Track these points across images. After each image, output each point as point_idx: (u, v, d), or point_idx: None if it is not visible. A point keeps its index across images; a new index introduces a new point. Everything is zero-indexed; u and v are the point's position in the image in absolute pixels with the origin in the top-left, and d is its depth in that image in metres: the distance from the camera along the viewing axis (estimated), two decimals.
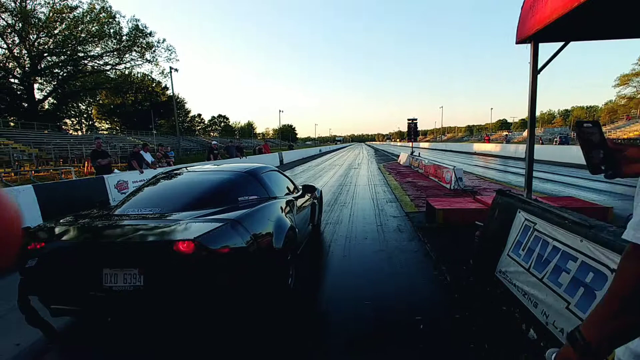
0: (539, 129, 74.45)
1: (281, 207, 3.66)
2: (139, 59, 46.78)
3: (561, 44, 3.45)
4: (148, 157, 11.49)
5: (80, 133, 59.42)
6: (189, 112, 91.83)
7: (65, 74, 46.68)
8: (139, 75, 54.45)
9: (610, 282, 2.10)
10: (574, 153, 20.98)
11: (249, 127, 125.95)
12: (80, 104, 64.60)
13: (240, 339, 2.81)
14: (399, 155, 26.93)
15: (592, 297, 2.16)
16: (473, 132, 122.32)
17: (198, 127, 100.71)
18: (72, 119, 66.91)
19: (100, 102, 64.69)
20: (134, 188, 4.43)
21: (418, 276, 4.00)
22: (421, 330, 2.84)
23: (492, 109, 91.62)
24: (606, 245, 2.19)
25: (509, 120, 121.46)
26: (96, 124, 71.03)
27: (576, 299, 2.30)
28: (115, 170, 13.21)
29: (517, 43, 3.67)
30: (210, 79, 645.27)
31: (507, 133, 77.95)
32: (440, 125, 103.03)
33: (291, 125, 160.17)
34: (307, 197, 5.08)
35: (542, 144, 38.80)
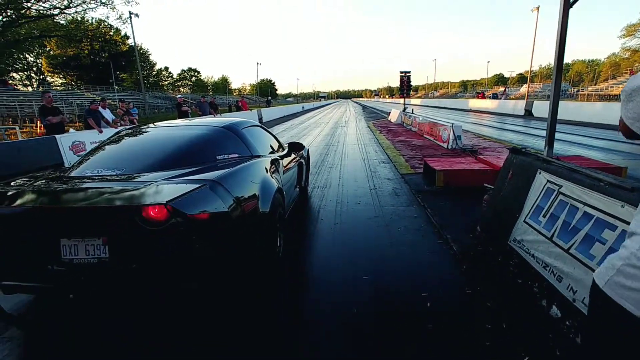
0: (538, 84, 74.43)
1: (266, 167, 3.41)
2: (91, 2, 43.17)
3: None
4: (108, 114, 10.77)
5: (30, 89, 55.96)
6: (155, 65, 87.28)
7: (5, 20, 42.93)
8: (93, 22, 50.58)
9: None
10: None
11: (224, 82, 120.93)
12: (27, 55, 60.35)
13: (222, 314, 2.58)
14: (389, 113, 26.54)
15: None
16: (467, 88, 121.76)
17: (166, 82, 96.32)
18: (20, 73, 62.73)
19: (52, 52, 60.48)
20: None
21: (420, 246, 3.81)
22: (429, 309, 2.66)
23: (488, 62, 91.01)
24: None
25: (506, 75, 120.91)
26: (48, 78, 66.81)
27: None
28: (71, 130, 12.46)
29: None
30: (178, 29, 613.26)
31: (504, 88, 77.80)
32: (433, 80, 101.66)
33: (270, 80, 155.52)
34: (293, 156, 4.78)
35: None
